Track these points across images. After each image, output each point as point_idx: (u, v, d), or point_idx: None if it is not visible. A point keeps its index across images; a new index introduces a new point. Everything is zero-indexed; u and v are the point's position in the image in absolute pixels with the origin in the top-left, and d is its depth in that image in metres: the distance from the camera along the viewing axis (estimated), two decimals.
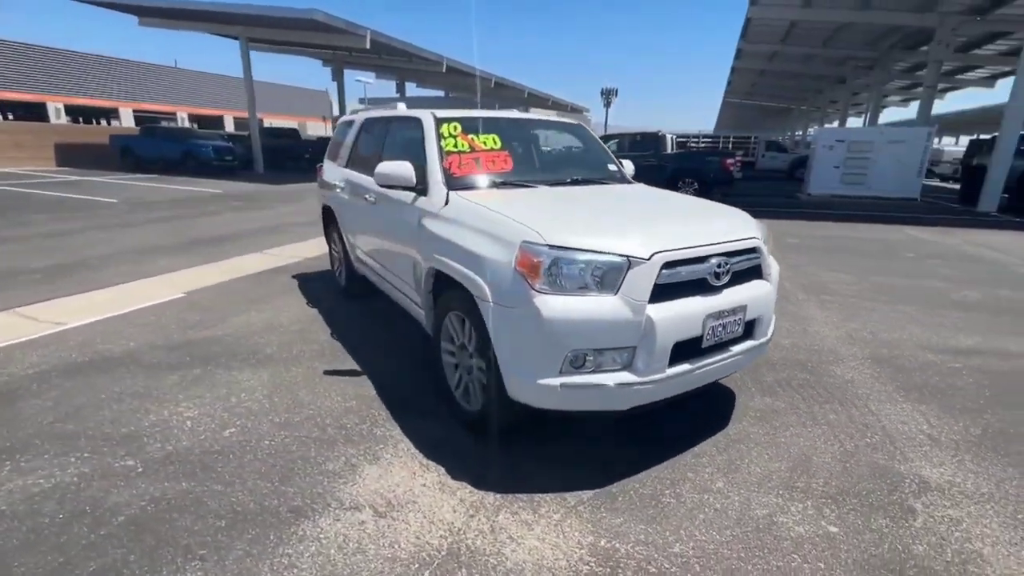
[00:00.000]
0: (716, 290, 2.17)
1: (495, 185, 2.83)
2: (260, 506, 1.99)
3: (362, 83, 32.37)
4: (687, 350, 2.09)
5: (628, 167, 3.62)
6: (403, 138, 3.38)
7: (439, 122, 3.02)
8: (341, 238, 4.35)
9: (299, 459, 2.29)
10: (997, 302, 4.88)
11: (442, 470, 2.23)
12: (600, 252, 1.98)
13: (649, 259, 1.98)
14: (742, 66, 27.29)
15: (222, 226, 8.10)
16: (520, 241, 2.03)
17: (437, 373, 2.76)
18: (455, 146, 2.94)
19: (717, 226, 2.38)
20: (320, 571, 1.69)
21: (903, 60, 20.80)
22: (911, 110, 34.27)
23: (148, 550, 1.75)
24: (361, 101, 29.47)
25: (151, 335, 3.66)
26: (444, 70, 21.21)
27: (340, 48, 19.79)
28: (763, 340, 2.42)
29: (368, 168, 3.71)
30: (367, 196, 3.53)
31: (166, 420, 2.59)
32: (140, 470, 2.19)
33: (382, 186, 2.93)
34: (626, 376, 1.98)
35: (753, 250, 2.35)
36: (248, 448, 2.36)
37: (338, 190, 4.23)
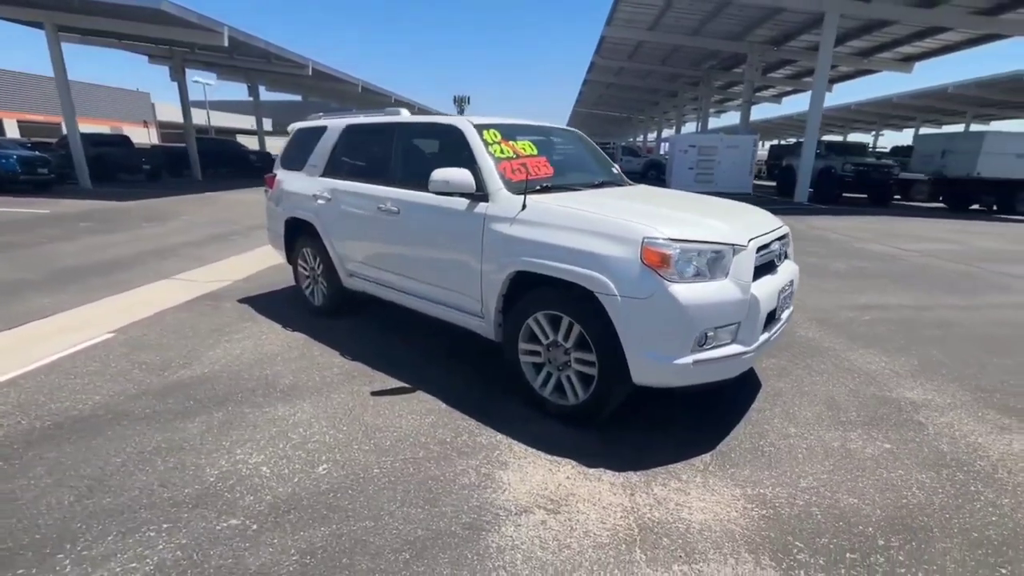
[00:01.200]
0: (776, 269, 2.62)
1: (546, 189, 2.95)
2: (431, 531, 1.89)
3: (201, 84, 28.63)
4: (767, 321, 2.49)
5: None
6: (429, 146, 3.31)
7: (480, 129, 3.04)
8: (322, 253, 4.01)
9: (428, 479, 2.19)
10: (859, 270, 6.34)
11: (572, 462, 2.32)
12: (712, 242, 2.27)
13: (747, 245, 2.34)
14: (593, 79, 30.16)
15: (90, 253, 6.71)
16: (642, 237, 2.23)
17: (514, 375, 2.80)
18: (501, 152, 3.00)
19: (763, 217, 2.84)
20: (542, 572, 1.70)
21: (719, 79, 24.96)
22: (724, 119, 41.08)
23: None
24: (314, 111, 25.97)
25: (114, 384, 3.03)
26: (310, 73, 19.83)
27: (181, 44, 17.36)
28: (792, 309, 2.94)
29: (371, 178, 3.54)
30: (383, 206, 3.36)
31: (234, 471, 2.24)
32: (256, 527, 1.91)
33: (439, 193, 2.86)
34: (737, 347, 2.30)
35: (786, 235, 2.85)
36: (363, 480, 2.18)
37: (319, 201, 3.90)
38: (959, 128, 27.70)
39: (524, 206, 2.64)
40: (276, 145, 39.55)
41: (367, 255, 3.66)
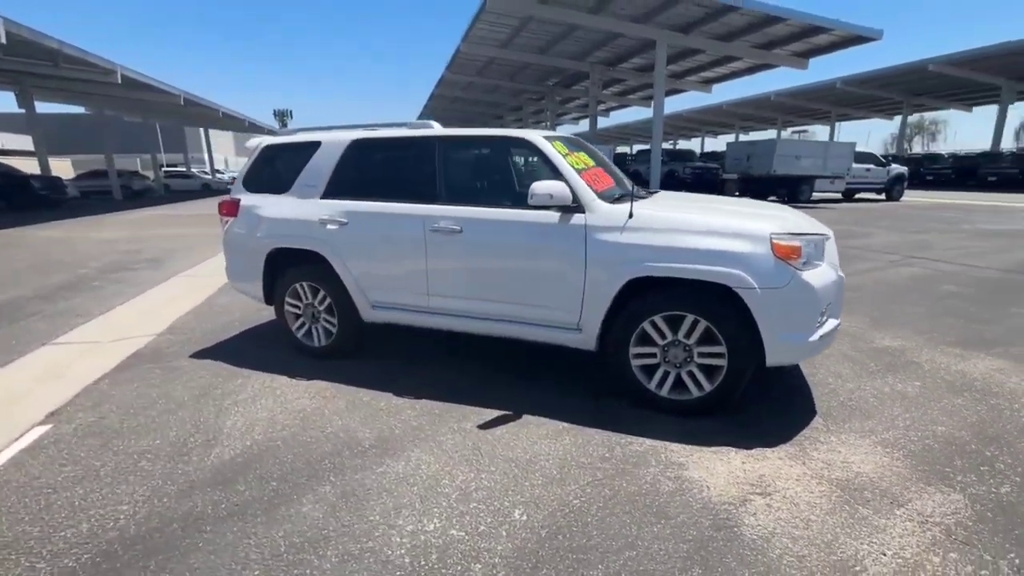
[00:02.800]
0: None
1: (618, 199, 3.06)
2: (692, 540, 1.87)
3: None
4: None
5: None
6: (487, 160, 3.12)
7: (549, 141, 3.02)
8: (331, 285, 3.49)
9: (634, 496, 2.13)
10: None
11: (731, 448, 2.46)
12: (816, 234, 2.63)
13: (831, 235, 2.76)
14: (441, 93, 30.52)
15: None
16: (768, 234, 2.49)
17: (627, 381, 2.85)
18: (575, 165, 3.02)
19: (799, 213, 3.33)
20: (818, 547, 1.83)
21: (561, 94, 27.35)
22: (560, 132, 44.88)
23: None
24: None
25: (133, 486, 2.28)
26: (119, 80, 16.44)
27: None
28: None
29: (407, 197, 3.24)
30: (437, 225, 3.09)
31: (422, 544, 1.90)
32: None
33: (539, 207, 2.76)
34: (834, 321, 2.70)
35: None
36: (573, 514, 2.04)
37: (330, 227, 3.40)
38: (770, 134, 35.88)
39: (631, 215, 2.71)
40: (62, 167, 31.46)
41: (406, 281, 3.31)
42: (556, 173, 2.91)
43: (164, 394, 3.22)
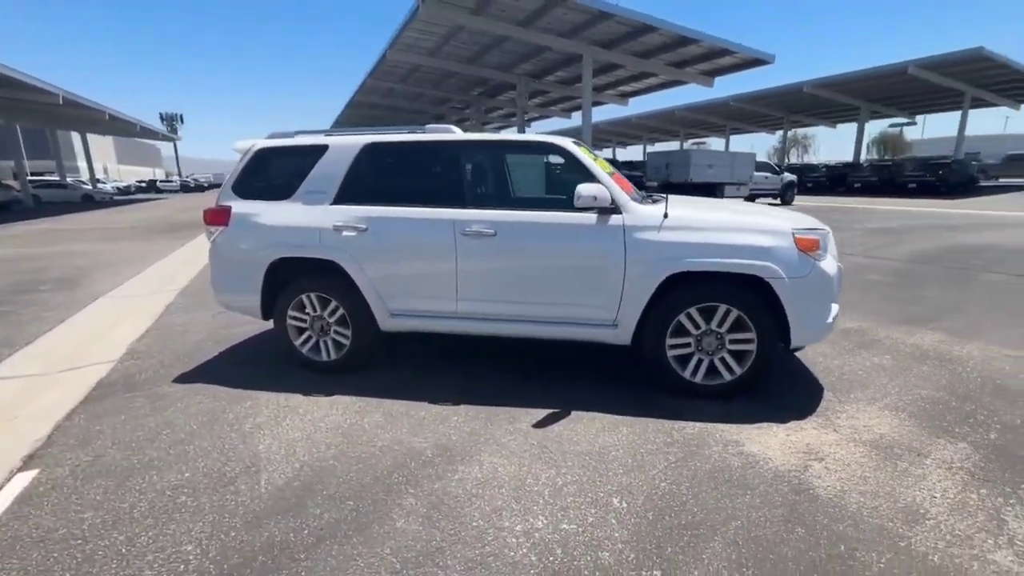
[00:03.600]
0: None
1: (642, 201, 3.24)
2: (785, 504, 2.06)
3: None
4: None
5: None
6: (517, 164, 3.16)
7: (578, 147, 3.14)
8: (346, 295, 3.33)
9: (713, 473, 2.29)
10: None
11: (771, 424, 2.71)
12: (823, 228, 2.98)
13: (830, 232, 3.13)
14: (362, 99, 29.65)
15: None
16: (791, 230, 2.80)
17: (663, 371, 3.03)
18: (603, 168, 3.16)
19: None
20: (885, 498, 2.10)
21: (486, 104, 27.70)
22: None
23: None
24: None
25: (183, 524, 2.05)
26: None
27: None
28: None
29: (432, 201, 3.21)
30: (469, 229, 3.08)
31: (544, 542, 1.92)
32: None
33: (580, 209, 2.85)
34: (836, 306, 3.07)
35: None
36: (673, 496, 2.15)
37: (347, 233, 3.25)
38: (673, 145, 38.81)
39: (666, 215, 2.91)
40: None
41: (433, 287, 3.24)
42: (589, 177, 3.03)
43: (164, 423, 2.88)
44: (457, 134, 3.33)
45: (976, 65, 22.84)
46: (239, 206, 3.48)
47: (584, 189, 2.82)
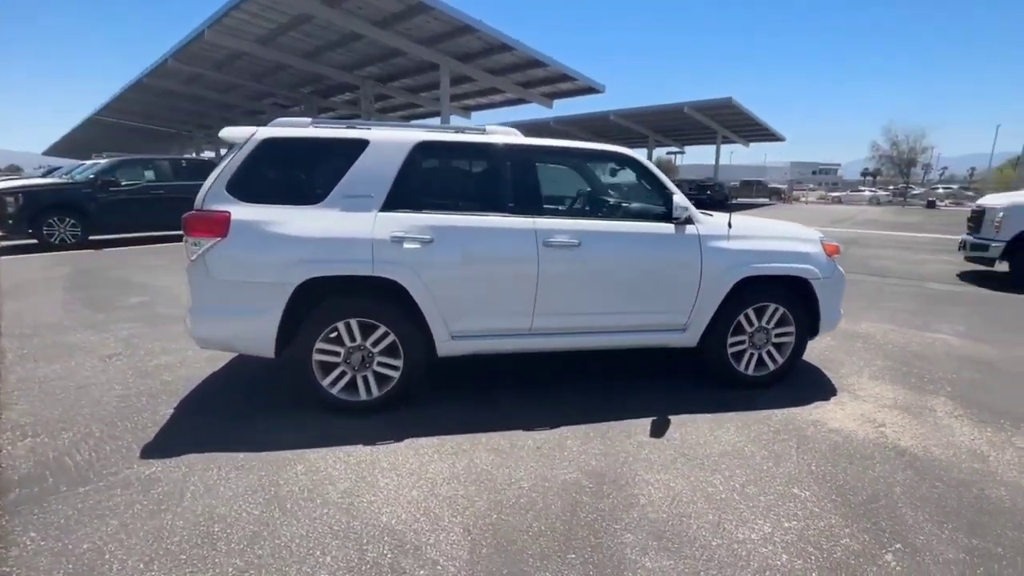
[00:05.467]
0: None
1: None
2: (904, 469, 2.48)
3: None
4: None
5: None
6: (587, 172, 3.07)
7: None
8: (398, 321, 2.82)
9: (832, 451, 2.62)
10: None
11: (823, 402, 3.20)
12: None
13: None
14: (151, 83, 24.50)
15: None
16: (819, 238, 3.34)
17: (723, 368, 3.31)
18: None
19: None
20: (920, 439, 2.69)
21: (319, 104, 25.44)
22: None
23: None
24: None
25: None
26: None
27: None
28: None
29: (504, 210, 2.98)
30: (553, 240, 2.90)
31: (775, 542, 1.97)
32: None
33: (679, 221, 2.94)
34: None
35: None
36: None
37: (408, 245, 2.75)
38: None
39: (730, 225, 3.20)
40: None
41: (508, 302, 2.96)
42: (660, 189, 3.15)
43: (203, 519, 2.06)
44: (526, 138, 3.10)
45: (726, 110, 29.62)
46: (243, 212, 2.67)
47: (679, 200, 2.94)
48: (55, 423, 2.81)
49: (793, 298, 3.30)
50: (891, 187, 49.78)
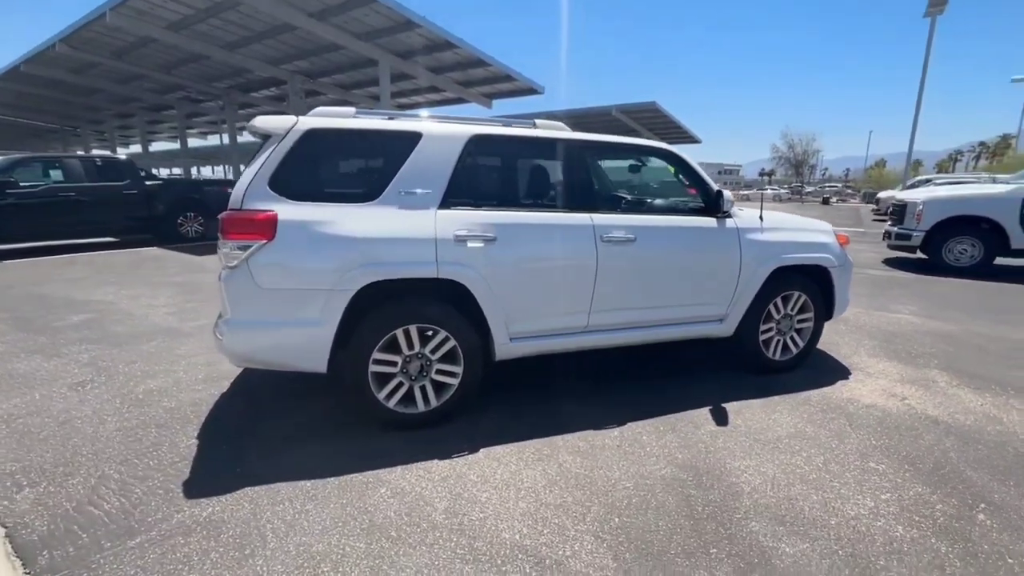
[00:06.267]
0: None
1: None
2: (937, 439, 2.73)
3: None
4: None
5: None
6: (634, 168, 3.05)
7: None
8: (459, 325, 2.66)
9: (880, 423, 2.83)
10: None
11: (845, 381, 3.45)
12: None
13: None
14: (30, 71, 21.47)
15: None
16: (831, 229, 3.59)
17: (754, 355, 3.47)
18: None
19: None
20: (943, 408, 3.00)
21: (240, 99, 23.55)
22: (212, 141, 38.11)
23: None
24: None
25: None
26: None
27: None
28: None
29: (557, 206, 2.94)
30: (609, 235, 2.87)
31: (900, 498, 2.09)
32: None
33: (723, 214, 3.02)
34: None
35: None
36: (896, 444, 2.58)
37: (472, 244, 2.59)
38: None
39: (761, 218, 3.35)
40: None
41: (567, 300, 2.90)
42: (700, 184, 3.24)
43: (285, 563, 1.82)
44: (572, 132, 3.04)
45: (649, 113, 31.28)
46: (291, 211, 2.38)
47: (728, 195, 3.02)
48: (52, 468, 2.35)
49: (813, 286, 3.52)
50: (787, 186, 55.20)
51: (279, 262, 2.36)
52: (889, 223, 8.57)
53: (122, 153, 36.19)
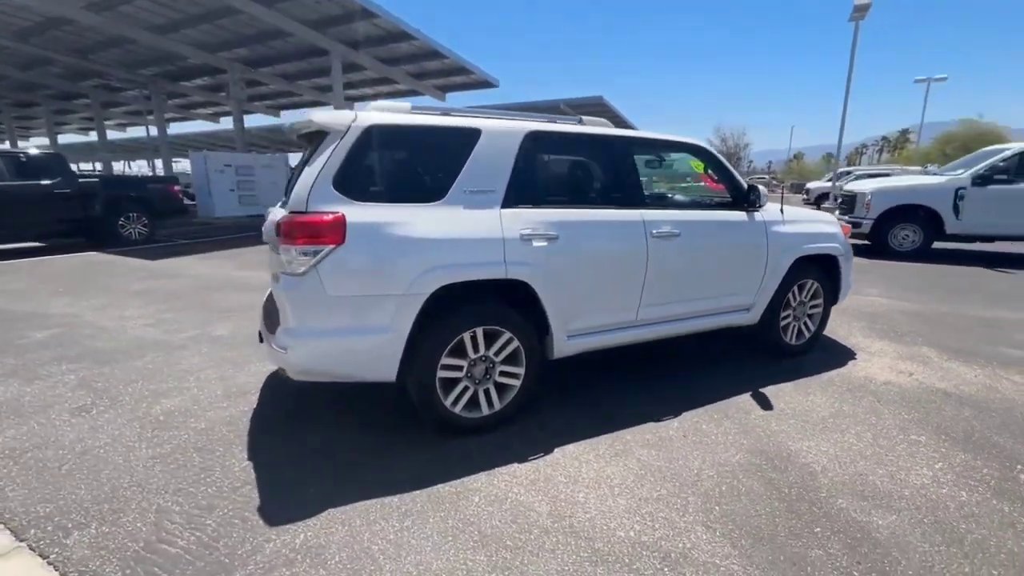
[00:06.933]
0: None
1: None
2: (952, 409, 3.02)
3: None
4: None
5: None
6: (672, 164, 3.11)
7: None
8: (520, 325, 2.63)
9: (903, 397, 3.08)
10: None
11: (856, 359, 3.73)
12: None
13: None
14: None
15: None
16: (836, 220, 3.84)
17: (774, 342, 3.67)
18: (697, 169, 3.51)
19: None
20: (947, 381, 3.32)
21: (168, 88, 21.67)
22: (132, 133, 34.94)
23: None
24: None
25: None
26: None
27: None
28: None
29: (608, 202, 2.96)
30: (658, 231, 2.93)
31: (946, 466, 2.29)
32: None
33: (756, 207, 3.16)
34: None
35: None
36: (925, 417, 2.82)
37: (537, 244, 2.56)
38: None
39: (782, 210, 3.53)
40: None
41: (619, 297, 2.93)
42: (730, 179, 3.36)
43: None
44: (616, 128, 3.05)
45: (597, 108, 31.92)
46: (358, 213, 2.25)
47: (763, 190, 3.16)
48: (94, 505, 2.10)
49: (822, 273, 3.76)
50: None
51: (350, 267, 2.22)
52: (838, 212, 9.27)
53: (23, 147, 32.31)
